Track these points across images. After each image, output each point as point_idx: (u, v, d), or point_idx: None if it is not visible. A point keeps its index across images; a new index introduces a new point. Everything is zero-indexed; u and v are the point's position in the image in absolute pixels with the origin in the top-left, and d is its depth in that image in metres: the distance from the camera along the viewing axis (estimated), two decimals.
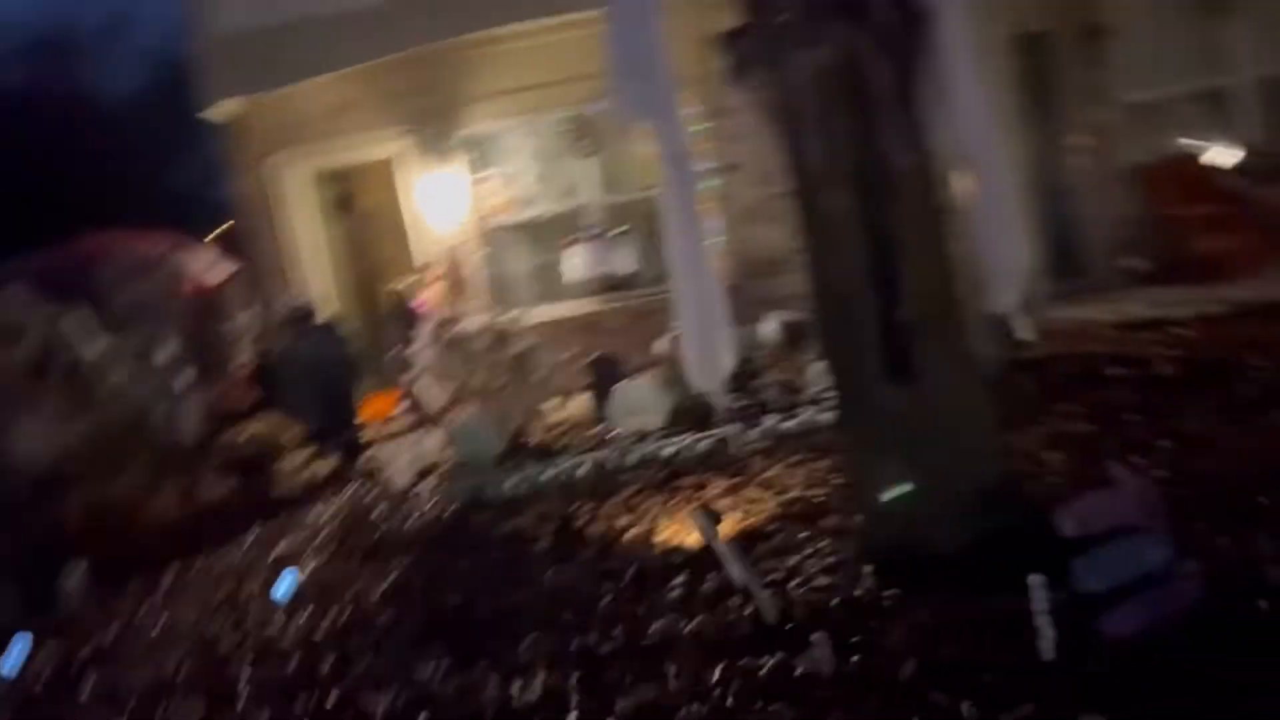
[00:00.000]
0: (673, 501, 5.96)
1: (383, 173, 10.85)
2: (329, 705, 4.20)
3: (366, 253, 12.27)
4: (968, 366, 4.30)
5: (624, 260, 10.70)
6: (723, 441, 6.75)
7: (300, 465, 8.68)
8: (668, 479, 6.38)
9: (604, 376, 8.10)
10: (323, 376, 8.75)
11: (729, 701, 3.57)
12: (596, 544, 5.45)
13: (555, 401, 8.61)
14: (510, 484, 6.70)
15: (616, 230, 10.66)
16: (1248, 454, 4.77)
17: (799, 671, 3.64)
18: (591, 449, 7.18)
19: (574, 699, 3.79)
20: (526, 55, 10.28)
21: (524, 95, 10.39)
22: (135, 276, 8.21)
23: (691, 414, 7.46)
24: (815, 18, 3.78)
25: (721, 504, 5.59)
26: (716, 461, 6.54)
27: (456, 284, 10.42)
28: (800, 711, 3.43)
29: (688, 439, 6.85)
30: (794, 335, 7.81)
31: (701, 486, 6.10)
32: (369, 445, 8.94)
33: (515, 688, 3.92)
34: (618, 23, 4.89)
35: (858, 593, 4.11)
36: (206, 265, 8.88)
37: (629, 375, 7.42)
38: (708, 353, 4.55)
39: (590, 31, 10.32)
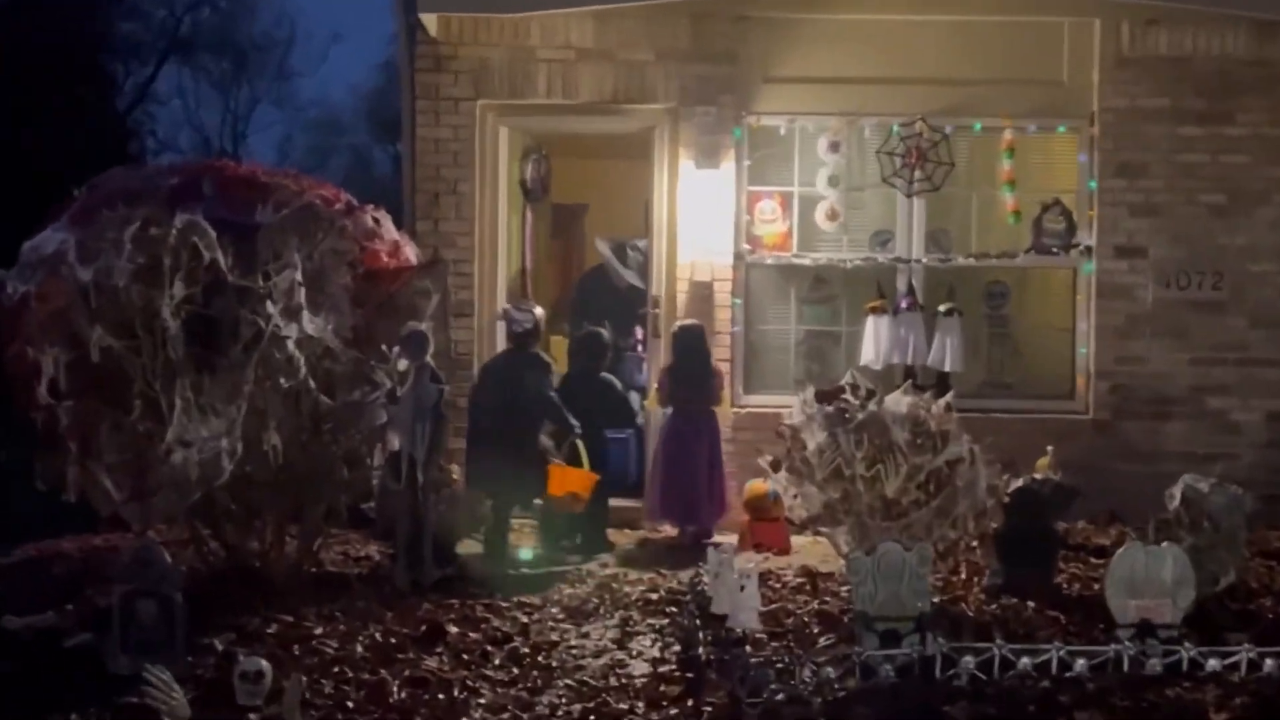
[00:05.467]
0: None
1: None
2: None
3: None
4: None
5: (940, 353, 7.25)
6: None
7: None
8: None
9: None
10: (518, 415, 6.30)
11: None
12: None
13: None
14: (968, 663, 3.35)
15: (944, 307, 7.29)
16: None
17: None
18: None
19: None
20: (859, 35, 7.48)
21: (844, 89, 7.50)
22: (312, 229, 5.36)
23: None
24: None
25: None
26: None
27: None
28: None
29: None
30: None
31: None
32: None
33: None
34: None
35: None
36: (390, 241, 5.74)
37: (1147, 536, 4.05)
38: None
39: (960, 20, 7.38)
